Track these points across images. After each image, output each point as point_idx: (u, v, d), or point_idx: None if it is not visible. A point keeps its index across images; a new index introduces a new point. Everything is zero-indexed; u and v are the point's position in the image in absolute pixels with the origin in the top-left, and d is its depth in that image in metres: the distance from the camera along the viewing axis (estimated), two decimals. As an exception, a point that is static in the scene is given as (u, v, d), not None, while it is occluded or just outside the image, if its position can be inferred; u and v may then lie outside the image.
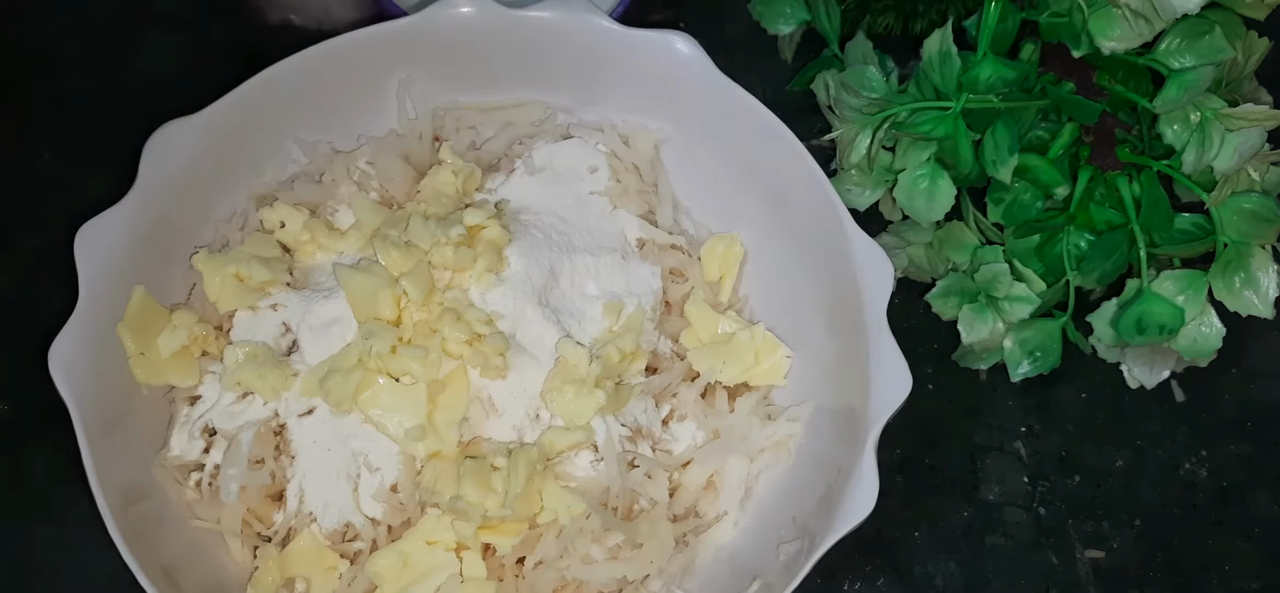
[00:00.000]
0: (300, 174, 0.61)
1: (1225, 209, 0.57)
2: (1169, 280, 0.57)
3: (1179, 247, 0.58)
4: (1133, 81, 0.60)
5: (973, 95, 0.58)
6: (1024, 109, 0.59)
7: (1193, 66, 0.57)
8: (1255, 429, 0.64)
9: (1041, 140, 0.60)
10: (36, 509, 0.60)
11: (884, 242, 0.63)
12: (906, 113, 0.59)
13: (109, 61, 0.69)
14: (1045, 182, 0.59)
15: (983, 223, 0.61)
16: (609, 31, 0.59)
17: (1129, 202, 0.59)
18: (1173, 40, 0.57)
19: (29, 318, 0.61)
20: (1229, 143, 0.56)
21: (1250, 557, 0.62)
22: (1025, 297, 0.59)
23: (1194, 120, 0.57)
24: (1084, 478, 0.63)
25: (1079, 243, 0.59)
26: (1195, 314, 0.57)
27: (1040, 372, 0.60)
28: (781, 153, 0.58)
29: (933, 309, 0.61)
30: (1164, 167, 0.58)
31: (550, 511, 0.56)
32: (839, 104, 0.61)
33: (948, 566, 0.61)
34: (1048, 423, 0.64)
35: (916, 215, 0.60)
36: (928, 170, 0.59)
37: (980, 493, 0.63)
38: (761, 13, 0.67)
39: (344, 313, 0.57)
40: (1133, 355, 0.61)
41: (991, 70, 0.58)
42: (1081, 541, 0.62)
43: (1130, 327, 0.58)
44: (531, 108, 0.64)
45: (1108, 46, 0.57)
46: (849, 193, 0.61)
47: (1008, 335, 0.60)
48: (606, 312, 0.59)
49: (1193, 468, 0.63)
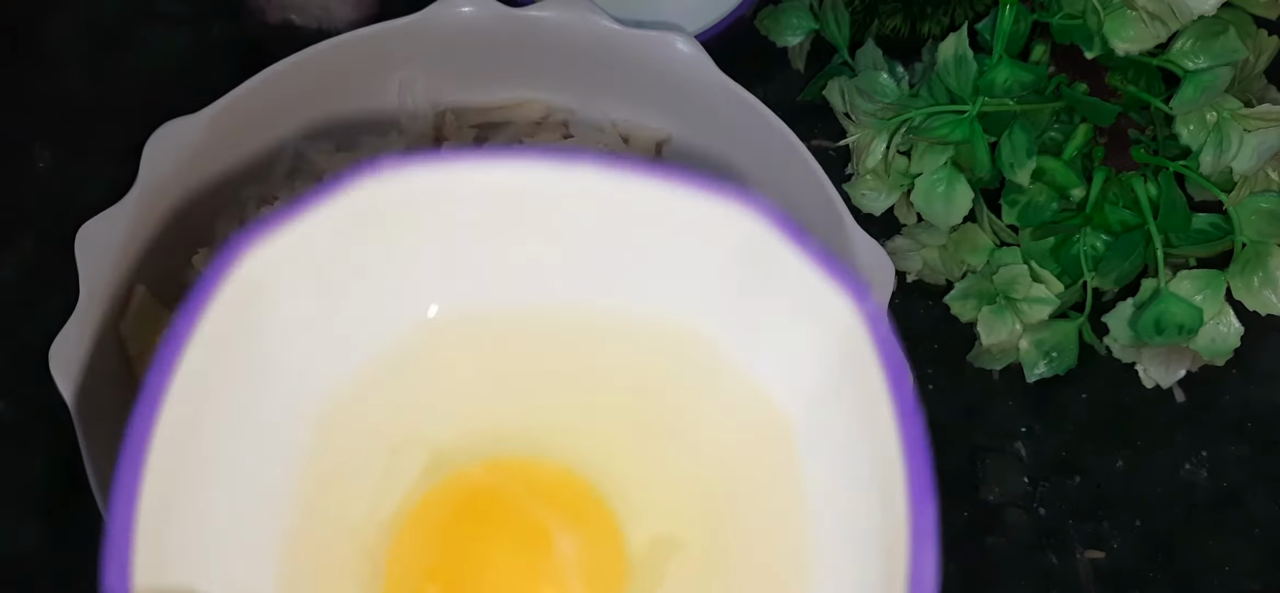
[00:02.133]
0: (301, 173, 0.61)
1: (1243, 209, 0.57)
2: (1187, 280, 0.57)
3: (1196, 247, 0.58)
4: (1145, 82, 0.60)
5: (989, 98, 0.58)
6: (1040, 111, 0.59)
7: (1208, 67, 0.56)
8: (1256, 430, 0.64)
9: (1056, 142, 0.60)
10: (35, 509, 0.60)
11: (898, 245, 0.63)
12: (922, 117, 0.59)
13: (109, 61, 0.69)
14: (1061, 183, 0.59)
15: (997, 225, 0.61)
16: (609, 31, 0.59)
17: (1145, 202, 0.58)
18: (1186, 41, 0.57)
19: (29, 318, 0.60)
20: (1248, 143, 0.56)
21: (1251, 558, 0.62)
22: (1044, 298, 0.59)
23: (1210, 121, 0.57)
24: (1084, 479, 0.63)
25: (1095, 244, 0.59)
26: (1213, 314, 0.57)
27: (1056, 372, 0.60)
28: (782, 152, 0.57)
29: (950, 311, 0.61)
30: (1180, 167, 0.58)
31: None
32: (854, 110, 0.61)
33: (947, 566, 0.60)
34: (1048, 424, 0.64)
35: (934, 219, 0.60)
36: (944, 174, 0.59)
37: (980, 494, 0.62)
38: (769, 27, 0.67)
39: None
40: (1149, 356, 0.61)
41: (1007, 73, 0.58)
42: (1081, 541, 0.62)
43: (1149, 327, 0.57)
44: (532, 107, 0.63)
45: (1123, 48, 0.56)
46: (865, 197, 0.61)
47: (1024, 337, 0.60)
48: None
49: (1193, 469, 0.63)
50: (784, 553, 0.31)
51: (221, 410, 0.31)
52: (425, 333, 0.33)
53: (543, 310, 0.33)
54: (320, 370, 0.32)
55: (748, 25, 0.67)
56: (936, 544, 0.28)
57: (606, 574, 0.31)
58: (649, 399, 0.33)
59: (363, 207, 0.32)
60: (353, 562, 0.32)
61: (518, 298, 0.33)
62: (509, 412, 0.33)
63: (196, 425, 0.30)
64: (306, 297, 0.32)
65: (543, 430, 0.33)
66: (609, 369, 0.33)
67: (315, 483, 0.32)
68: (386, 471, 0.33)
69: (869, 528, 0.29)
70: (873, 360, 0.29)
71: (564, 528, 0.32)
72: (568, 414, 0.33)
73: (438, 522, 0.32)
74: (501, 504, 0.32)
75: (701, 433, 0.33)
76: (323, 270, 0.32)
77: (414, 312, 0.33)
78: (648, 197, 0.32)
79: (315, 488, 0.32)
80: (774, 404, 0.32)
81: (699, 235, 0.32)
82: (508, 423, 0.33)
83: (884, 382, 0.29)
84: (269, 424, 0.32)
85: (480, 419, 0.33)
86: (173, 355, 0.29)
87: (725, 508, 0.32)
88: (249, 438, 0.31)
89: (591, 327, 0.33)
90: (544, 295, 0.33)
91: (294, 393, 0.32)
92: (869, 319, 0.30)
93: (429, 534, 0.32)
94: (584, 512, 0.32)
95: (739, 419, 0.32)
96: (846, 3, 0.65)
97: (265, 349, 0.31)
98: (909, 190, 0.60)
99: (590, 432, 0.33)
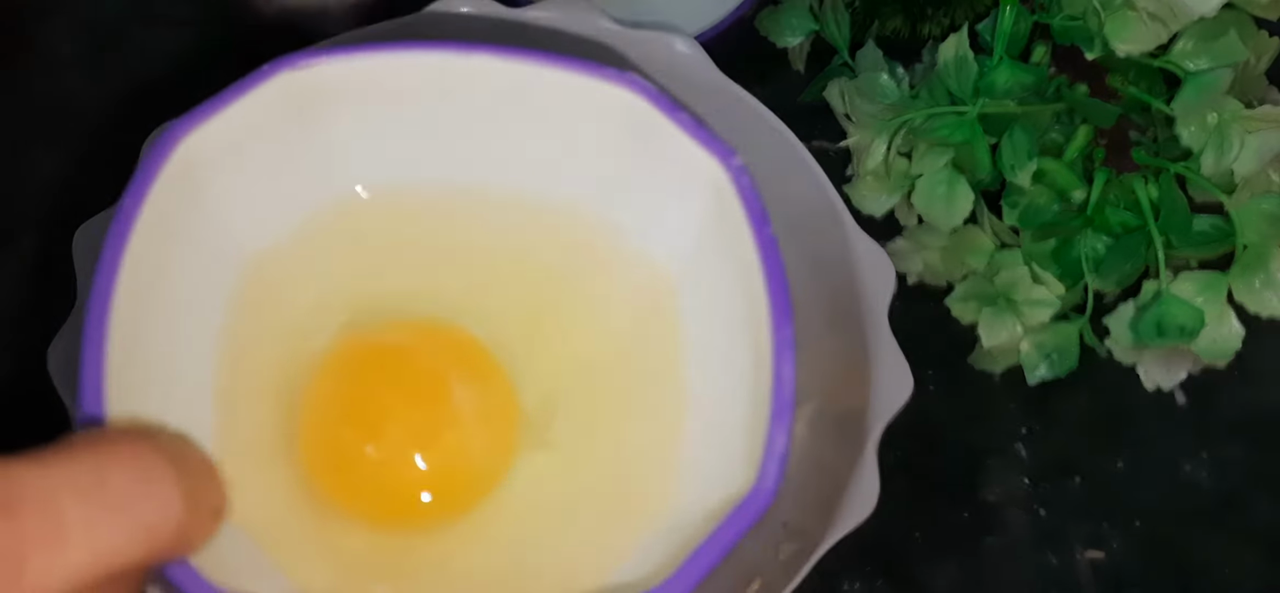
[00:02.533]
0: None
1: (1244, 211, 0.57)
2: (1188, 282, 0.57)
3: (1197, 249, 0.58)
4: (1146, 83, 0.60)
5: (989, 100, 0.58)
6: (1040, 113, 0.59)
7: (1209, 68, 0.57)
8: (1257, 432, 0.64)
9: (1056, 144, 0.60)
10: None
11: (899, 247, 0.63)
12: (922, 118, 0.59)
13: (109, 62, 0.69)
14: (1062, 185, 0.59)
15: (998, 227, 0.61)
16: (608, 31, 0.58)
17: (1146, 204, 0.58)
18: (1187, 42, 0.57)
19: (27, 318, 0.60)
20: (1249, 145, 0.56)
21: (1251, 559, 0.61)
22: (1045, 300, 0.59)
23: (1211, 122, 0.57)
24: (1084, 479, 0.63)
25: (1096, 246, 0.59)
26: (1215, 316, 0.57)
27: (1057, 374, 0.60)
28: (782, 153, 0.57)
29: (952, 313, 0.61)
30: (1181, 169, 0.58)
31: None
32: (854, 111, 0.61)
33: (947, 567, 0.61)
34: (1048, 425, 0.63)
35: (935, 220, 0.60)
36: (945, 175, 0.59)
37: (980, 494, 0.62)
38: (768, 28, 0.67)
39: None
40: (1150, 358, 0.61)
41: (1008, 75, 0.58)
42: (1081, 542, 0.62)
43: (1150, 329, 0.57)
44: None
45: (1123, 49, 0.57)
46: (865, 199, 0.61)
47: (1025, 339, 0.60)
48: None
49: (1193, 470, 0.63)
50: (665, 394, 0.35)
51: (168, 268, 0.36)
52: (345, 207, 0.38)
53: (451, 189, 0.38)
54: (251, 237, 0.37)
55: (747, 26, 0.67)
56: (793, 356, 0.32)
57: (499, 423, 0.35)
58: (542, 268, 0.37)
59: (283, 94, 0.37)
60: (275, 401, 0.37)
61: (427, 177, 0.38)
62: (417, 279, 0.38)
63: (148, 280, 0.34)
64: (236, 172, 0.37)
65: (447, 296, 0.37)
66: (507, 242, 0.38)
67: (246, 332, 0.37)
68: (306, 326, 0.37)
69: (739, 357, 0.33)
70: (738, 210, 0.34)
71: (461, 381, 0.36)
72: (470, 283, 0.37)
73: (349, 371, 0.36)
74: (406, 358, 0.36)
75: (591, 298, 0.37)
76: (250, 149, 0.37)
77: (334, 188, 0.38)
78: (540, 80, 0.37)
79: (246, 336, 0.37)
80: (656, 264, 0.37)
81: (586, 114, 0.37)
82: (416, 289, 0.37)
83: (748, 226, 0.34)
84: (207, 282, 0.37)
85: (391, 285, 0.38)
86: (127, 223, 0.34)
87: (613, 363, 0.36)
88: (190, 293, 0.36)
89: (493, 203, 0.38)
90: (451, 175, 0.38)
91: (228, 256, 0.37)
92: (734, 175, 0.35)
93: (341, 381, 0.36)
94: (480, 368, 0.36)
95: (625, 281, 0.37)
96: (847, 3, 0.65)
97: (203, 218, 0.36)
98: (910, 192, 0.60)
99: (489, 298, 0.37)
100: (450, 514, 0.35)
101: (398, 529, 0.36)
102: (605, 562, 0.34)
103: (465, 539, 0.35)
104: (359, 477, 0.36)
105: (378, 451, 0.36)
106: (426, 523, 0.35)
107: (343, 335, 0.37)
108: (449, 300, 0.37)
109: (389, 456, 0.36)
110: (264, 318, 0.37)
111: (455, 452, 0.36)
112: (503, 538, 0.35)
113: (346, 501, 0.36)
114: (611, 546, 0.34)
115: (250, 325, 0.37)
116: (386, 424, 0.36)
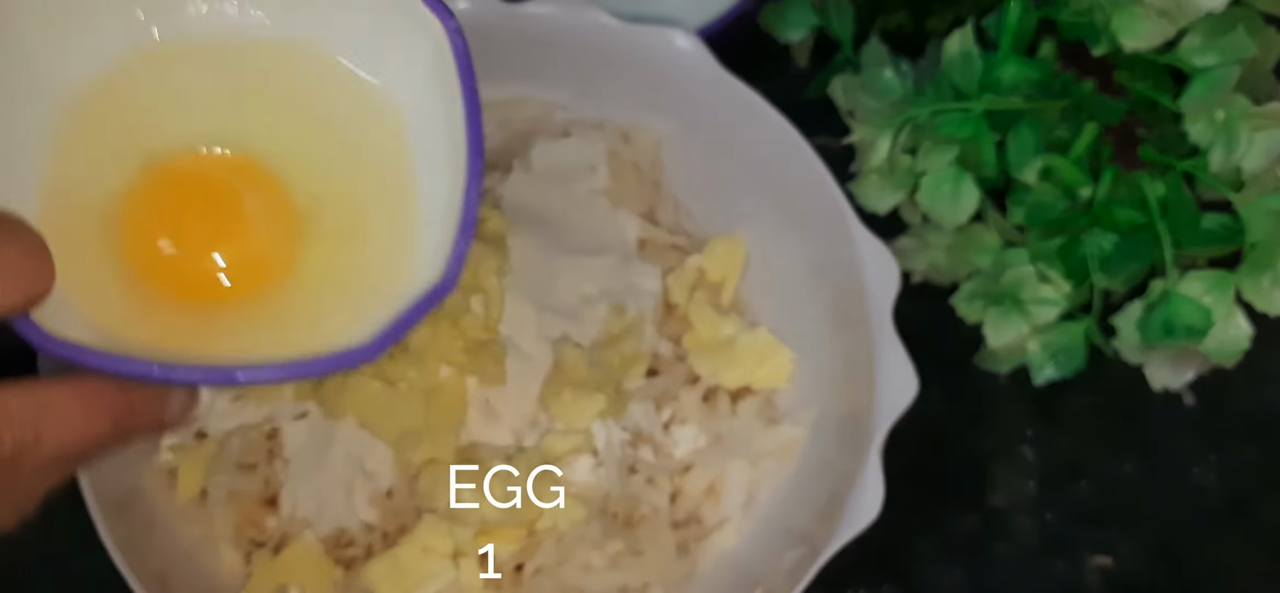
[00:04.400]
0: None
1: (1253, 209, 0.56)
2: (1196, 281, 0.56)
3: (1205, 247, 0.58)
4: (1153, 80, 0.59)
5: (995, 96, 0.58)
6: (1047, 109, 0.59)
7: (1216, 65, 0.56)
8: (1266, 435, 0.64)
9: (1063, 141, 0.60)
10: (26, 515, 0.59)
11: (904, 245, 0.62)
12: (927, 115, 0.58)
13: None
14: (1069, 182, 0.58)
15: (1003, 225, 0.61)
16: (608, 27, 0.58)
17: (1153, 202, 0.58)
18: (1195, 38, 0.57)
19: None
20: (1257, 142, 0.55)
21: (1260, 563, 0.61)
22: (1052, 299, 0.59)
23: (1219, 119, 0.56)
24: (1092, 484, 0.62)
25: (1103, 244, 0.59)
26: (1223, 315, 0.56)
27: (1064, 375, 0.60)
28: (785, 149, 0.57)
29: (957, 312, 0.61)
30: (1189, 166, 0.57)
31: (550, 517, 0.55)
32: (858, 107, 0.61)
33: (954, 573, 0.61)
34: (1055, 427, 0.63)
35: (940, 218, 0.59)
36: (950, 172, 0.59)
37: (987, 500, 0.62)
38: (771, 23, 0.66)
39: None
40: (1158, 358, 0.60)
41: (1015, 70, 0.58)
42: (1089, 548, 0.61)
43: (1158, 329, 0.57)
44: (529, 105, 0.63)
45: (1130, 45, 0.56)
46: (869, 196, 0.61)
47: (1032, 338, 0.60)
48: (607, 315, 0.58)
49: (1202, 474, 0.63)
50: (399, 195, 0.46)
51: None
52: (148, 52, 0.45)
53: (239, 41, 0.46)
54: (64, 72, 0.44)
55: (750, 21, 0.67)
56: (480, 184, 0.43)
57: (281, 220, 0.45)
58: (305, 103, 0.47)
59: None
60: (98, 228, 0.44)
61: (209, 29, 0.46)
62: (208, 116, 0.46)
63: None
64: (43, 11, 0.43)
65: (233, 129, 0.46)
66: (277, 84, 0.47)
67: (67, 159, 0.44)
68: (117, 155, 0.45)
69: (448, 179, 0.44)
70: (451, 62, 0.44)
71: (248, 192, 0.46)
72: (249, 117, 0.46)
73: (159, 194, 0.45)
74: (204, 180, 0.46)
75: (343, 125, 0.47)
76: None
77: (139, 33, 0.45)
78: None
79: (67, 163, 0.44)
80: (391, 99, 0.46)
81: None
82: (208, 125, 0.46)
83: (457, 76, 0.44)
84: (24, 118, 0.43)
85: (188, 120, 0.46)
86: None
87: (360, 173, 0.46)
88: (12, 118, 0.43)
89: (267, 51, 0.46)
90: (231, 28, 0.46)
91: (45, 87, 0.44)
92: (451, 34, 0.44)
93: (153, 201, 0.45)
94: (261, 182, 0.46)
95: (366, 110, 0.47)
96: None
97: (20, 52, 0.43)
98: (914, 189, 0.60)
99: (264, 127, 0.46)
100: (248, 293, 0.45)
101: (207, 306, 0.45)
102: (359, 328, 0.42)
103: (266, 309, 0.45)
104: (172, 269, 0.45)
105: (185, 247, 0.45)
106: (230, 301, 0.45)
107: (149, 166, 0.45)
108: (234, 133, 0.46)
109: (194, 251, 0.45)
110: (78, 152, 0.44)
111: (244, 243, 0.45)
112: (291, 307, 0.45)
113: (163, 288, 0.44)
114: (371, 316, 0.43)
115: (70, 161, 0.44)
116: (191, 227, 0.45)
